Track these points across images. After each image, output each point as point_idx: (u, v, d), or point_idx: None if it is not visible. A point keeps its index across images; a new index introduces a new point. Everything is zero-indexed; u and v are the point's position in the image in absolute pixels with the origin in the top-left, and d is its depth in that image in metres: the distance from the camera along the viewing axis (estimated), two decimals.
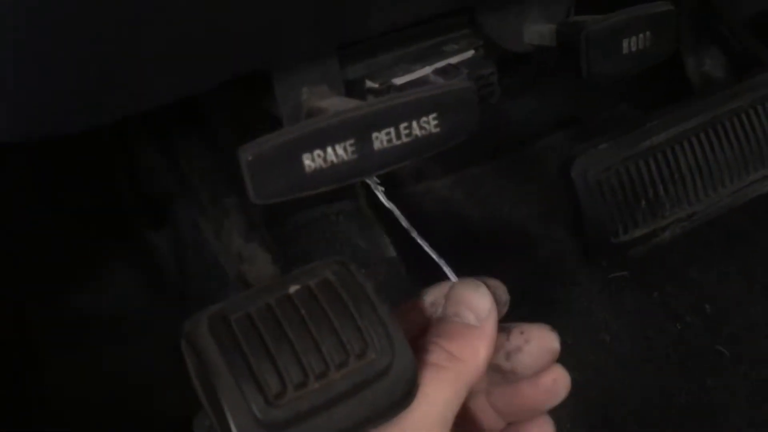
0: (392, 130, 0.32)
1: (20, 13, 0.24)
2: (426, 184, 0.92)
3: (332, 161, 0.31)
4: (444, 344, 0.37)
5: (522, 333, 0.41)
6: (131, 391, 0.73)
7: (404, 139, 0.32)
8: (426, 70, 0.43)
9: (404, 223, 0.39)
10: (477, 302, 0.38)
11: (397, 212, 0.38)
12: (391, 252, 0.79)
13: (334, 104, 0.36)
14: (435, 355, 0.36)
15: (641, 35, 0.40)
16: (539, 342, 0.41)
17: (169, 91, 0.29)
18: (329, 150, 0.31)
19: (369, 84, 0.41)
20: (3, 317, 0.74)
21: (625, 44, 0.40)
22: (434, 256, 0.40)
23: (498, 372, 0.41)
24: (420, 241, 0.39)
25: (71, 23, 0.25)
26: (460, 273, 0.44)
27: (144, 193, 0.77)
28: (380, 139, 0.31)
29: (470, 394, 0.40)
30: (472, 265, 0.40)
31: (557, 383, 0.41)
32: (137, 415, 0.72)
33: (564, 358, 0.44)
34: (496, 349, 0.40)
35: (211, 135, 0.52)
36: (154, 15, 0.26)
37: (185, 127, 0.52)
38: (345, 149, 0.31)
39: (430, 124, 0.32)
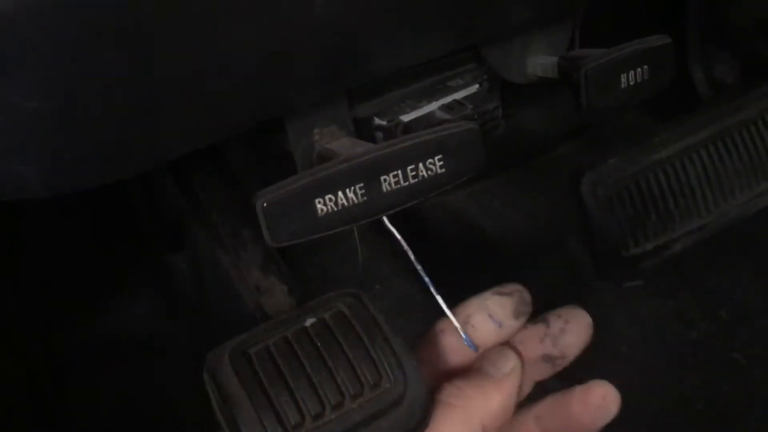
0: (399, 172, 0.33)
1: (50, 77, 0.26)
2: (438, 197, 0.92)
3: (343, 204, 0.32)
4: (458, 383, 0.39)
5: (560, 316, 0.43)
6: (153, 411, 0.74)
7: (411, 181, 0.33)
8: (432, 106, 0.44)
9: (404, 245, 0.40)
10: (500, 361, 0.40)
11: (397, 235, 0.39)
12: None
13: (344, 146, 0.37)
14: (446, 393, 0.38)
15: (639, 69, 0.41)
16: (577, 320, 0.43)
17: (190, 144, 0.31)
18: (340, 194, 0.32)
19: (377, 121, 0.42)
20: (30, 341, 0.76)
21: (623, 78, 0.40)
22: (430, 284, 0.40)
23: (549, 362, 0.43)
24: (417, 266, 0.40)
25: (99, 89, 0.26)
26: (476, 285, 0.45)
27: (162, 216, 0.79)
28: (388, 182, 0.33)
29: (520, 420, 0.42)
30: (486, 277, 0.41)
31: (606, 399, 0.41)
32: None
33: (582, 370, 0.45)
34: (541, 340, 0.42)
35: (226, 167, 0.53)
36: (178, 82, 0.27)
37: (200, 160, 0.54)
38: (355, 193, 0.32)
39: (435, 165, 0.33)
